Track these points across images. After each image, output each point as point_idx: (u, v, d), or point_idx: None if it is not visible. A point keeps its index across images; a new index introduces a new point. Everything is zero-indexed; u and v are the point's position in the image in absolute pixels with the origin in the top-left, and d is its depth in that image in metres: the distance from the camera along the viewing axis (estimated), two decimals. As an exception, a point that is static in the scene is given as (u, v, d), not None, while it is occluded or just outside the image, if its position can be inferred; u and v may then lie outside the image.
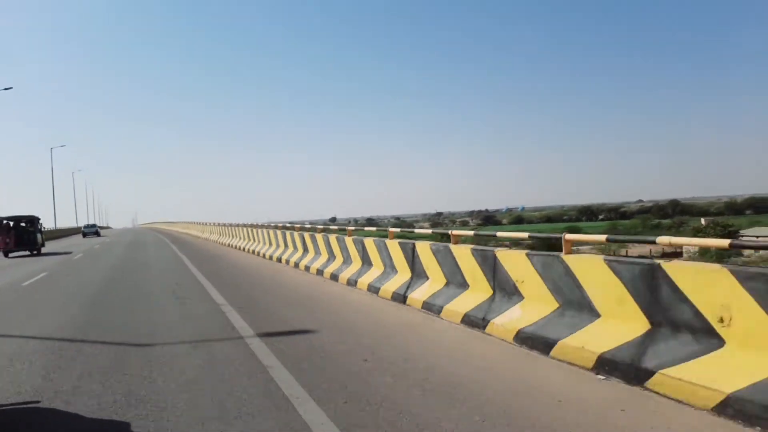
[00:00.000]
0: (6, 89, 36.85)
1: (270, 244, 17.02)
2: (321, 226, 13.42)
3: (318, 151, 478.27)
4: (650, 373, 3.67)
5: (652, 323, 3.93)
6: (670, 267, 3.80)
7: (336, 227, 12.66)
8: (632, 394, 3.71)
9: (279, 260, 14.88)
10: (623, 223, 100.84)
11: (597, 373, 4.10)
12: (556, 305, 4.84)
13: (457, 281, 6.47)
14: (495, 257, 5.71)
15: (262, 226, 18.57)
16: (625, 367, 3.87)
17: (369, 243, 9.18)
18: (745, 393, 3.12)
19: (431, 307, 6.63)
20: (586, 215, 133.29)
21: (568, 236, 5.01)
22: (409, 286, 7.47)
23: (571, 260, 4.71)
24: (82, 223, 68.68)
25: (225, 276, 12.08)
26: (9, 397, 4.23)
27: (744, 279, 3.29)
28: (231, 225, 24.83)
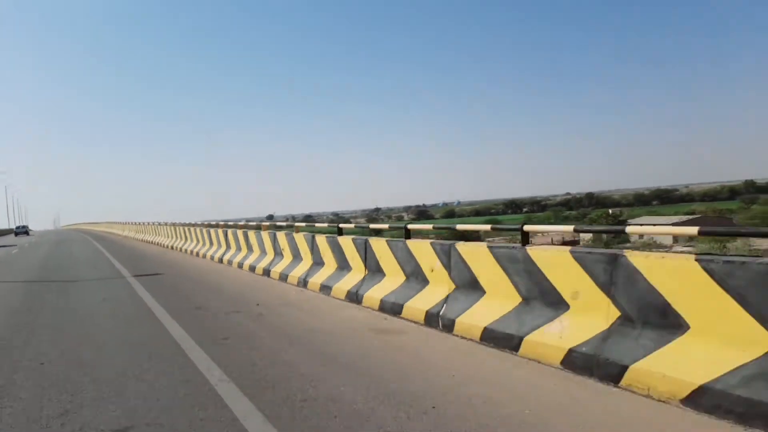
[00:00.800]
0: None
1: (180, 238, 20.17)
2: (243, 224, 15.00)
3: (254, 150, 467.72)
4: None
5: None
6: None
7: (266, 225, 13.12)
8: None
9: (179, 249, 18.77)
10: (538, 215, 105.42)
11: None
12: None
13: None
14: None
15: (174, 225, 21.62)
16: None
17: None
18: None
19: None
20: (511, 208, 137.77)
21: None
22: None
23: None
24: (2, 226, 73.10)
25: (128, 256, 17.77)
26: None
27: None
28: (149, 224, 27.75)
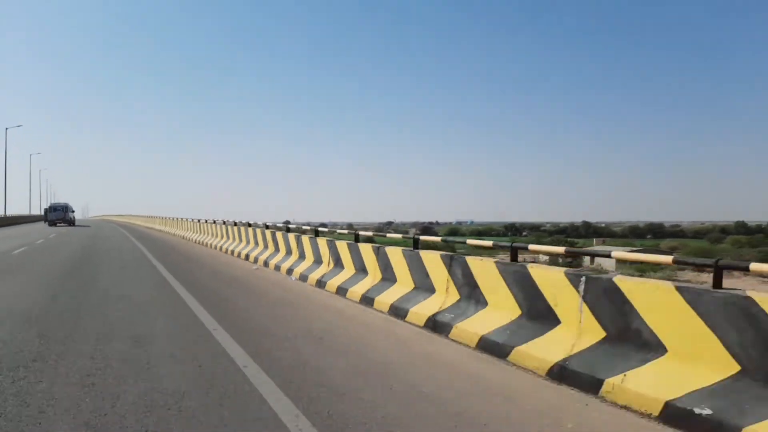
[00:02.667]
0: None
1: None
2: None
3: (273, 158, 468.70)
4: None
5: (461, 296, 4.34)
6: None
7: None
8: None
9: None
10: (525, 239, 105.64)
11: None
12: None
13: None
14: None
15: (245, 225, 16.86)
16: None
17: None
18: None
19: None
20: (511, 231, 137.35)
21: (531, 246, 5.47)
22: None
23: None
24: (35, 211, 68.33)
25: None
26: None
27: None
28: (201, 222, 23.65)
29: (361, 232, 9.63)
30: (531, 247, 5.94)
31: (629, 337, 4.10)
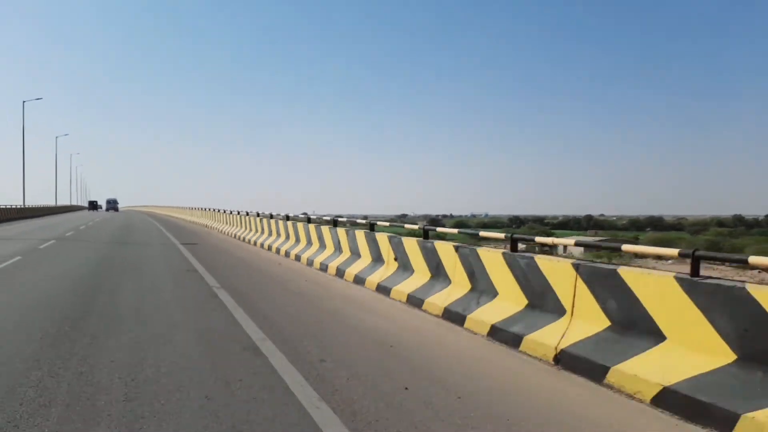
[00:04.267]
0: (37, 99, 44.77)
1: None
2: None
3: (291, 151, 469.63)
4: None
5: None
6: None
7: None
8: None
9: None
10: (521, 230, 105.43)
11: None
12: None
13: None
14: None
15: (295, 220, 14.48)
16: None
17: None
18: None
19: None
20: (515, 224, 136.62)
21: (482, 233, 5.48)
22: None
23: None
24: (64, 201, 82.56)
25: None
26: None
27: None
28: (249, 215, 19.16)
29: (380, 222, 9.75)
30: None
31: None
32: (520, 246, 5.98)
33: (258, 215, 17.80)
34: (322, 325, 5.89)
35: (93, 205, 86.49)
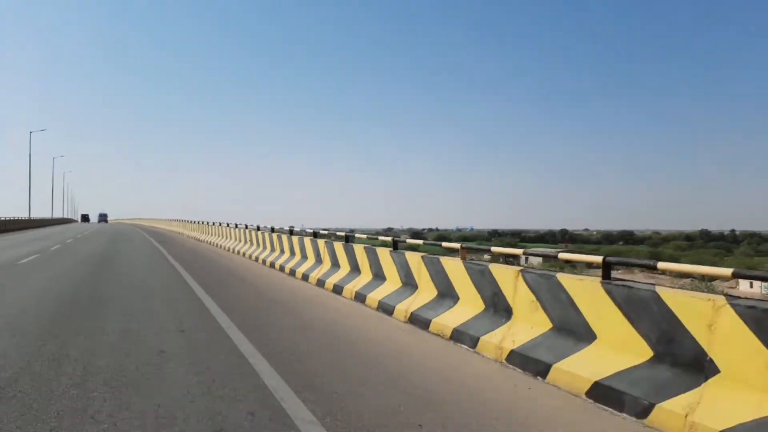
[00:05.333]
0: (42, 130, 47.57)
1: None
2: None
3: (275, 164, 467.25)
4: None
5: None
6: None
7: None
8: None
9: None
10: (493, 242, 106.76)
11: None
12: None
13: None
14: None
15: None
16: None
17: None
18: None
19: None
20: (494, 237, 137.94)
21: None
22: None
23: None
24: (56, 214, 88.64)
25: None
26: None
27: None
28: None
29: (358, 235, 10.00)
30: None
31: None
32: (486, 257, 6.33)
33: (258, 229, 16.20)
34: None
35: (85, 218, 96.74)
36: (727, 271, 3.25)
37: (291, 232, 12.80)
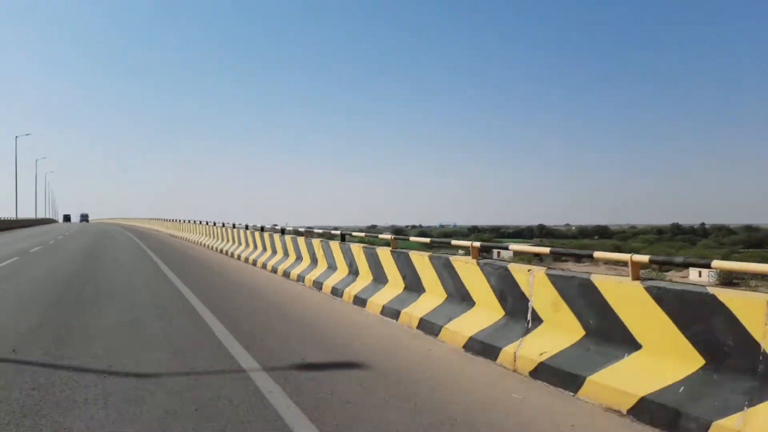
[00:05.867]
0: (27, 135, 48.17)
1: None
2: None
3: (258, 162, 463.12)
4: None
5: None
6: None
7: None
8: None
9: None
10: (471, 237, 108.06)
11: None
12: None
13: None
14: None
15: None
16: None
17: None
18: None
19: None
20: (473, 233, 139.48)
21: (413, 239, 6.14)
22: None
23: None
24: (39, 214, 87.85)
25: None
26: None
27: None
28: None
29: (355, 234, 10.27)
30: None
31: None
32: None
33: (247, 228, 16.37)
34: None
35: (66, 218, 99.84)
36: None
37: (262, 229, 14.10)
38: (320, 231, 10.49)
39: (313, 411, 3.43)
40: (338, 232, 9.38)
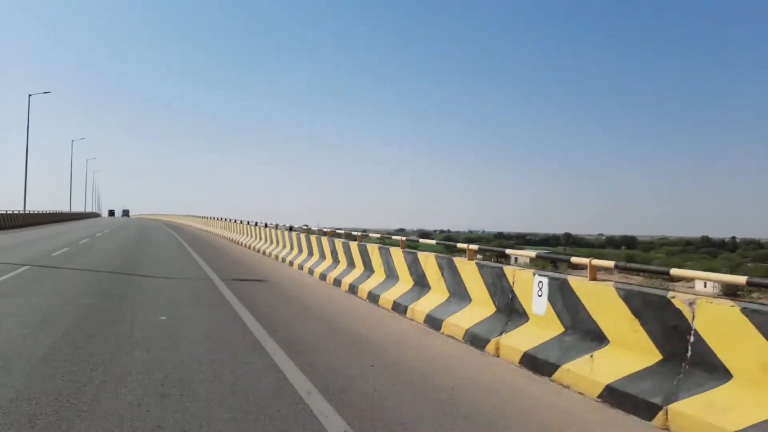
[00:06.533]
0: (45, 93, 44.05)
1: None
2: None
3: (290, 162, 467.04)
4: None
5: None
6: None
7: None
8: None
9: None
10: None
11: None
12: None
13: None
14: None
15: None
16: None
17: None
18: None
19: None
20: (498, 239, 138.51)
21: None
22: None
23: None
24: (82, 208, 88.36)
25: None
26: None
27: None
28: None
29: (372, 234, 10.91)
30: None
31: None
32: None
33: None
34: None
35: (111, 213, 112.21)
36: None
37: (290, 229, 15.00)
38: (344, 232, 11.03)
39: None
40: (358, 234, 9.96)
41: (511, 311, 5.20)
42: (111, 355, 4.53)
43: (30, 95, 42.20)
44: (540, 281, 4.77)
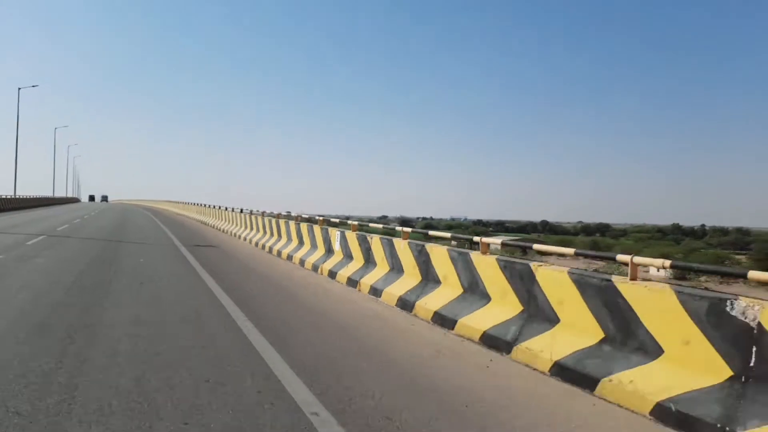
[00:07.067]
0: (33, 86, 46.54)
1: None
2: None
3: (271, 150, 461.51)
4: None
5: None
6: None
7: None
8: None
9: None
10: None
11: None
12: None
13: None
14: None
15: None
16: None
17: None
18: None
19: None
20: (479, 226, 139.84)
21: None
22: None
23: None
24: (63, 193, 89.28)
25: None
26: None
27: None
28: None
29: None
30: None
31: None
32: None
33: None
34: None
35: (92, 198, 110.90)
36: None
37: (241, 210, 18.25)
38: (338, 220, 11.10)
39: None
40: (337, 220, 10.18)
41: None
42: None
43: (20, 89, 42.66)
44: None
